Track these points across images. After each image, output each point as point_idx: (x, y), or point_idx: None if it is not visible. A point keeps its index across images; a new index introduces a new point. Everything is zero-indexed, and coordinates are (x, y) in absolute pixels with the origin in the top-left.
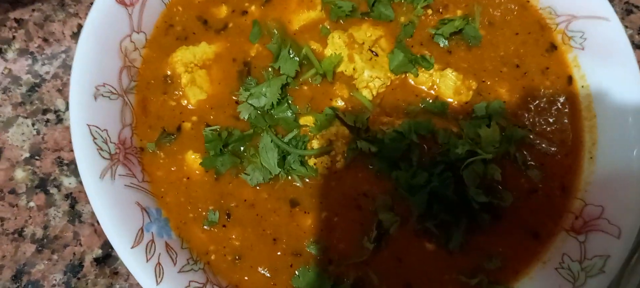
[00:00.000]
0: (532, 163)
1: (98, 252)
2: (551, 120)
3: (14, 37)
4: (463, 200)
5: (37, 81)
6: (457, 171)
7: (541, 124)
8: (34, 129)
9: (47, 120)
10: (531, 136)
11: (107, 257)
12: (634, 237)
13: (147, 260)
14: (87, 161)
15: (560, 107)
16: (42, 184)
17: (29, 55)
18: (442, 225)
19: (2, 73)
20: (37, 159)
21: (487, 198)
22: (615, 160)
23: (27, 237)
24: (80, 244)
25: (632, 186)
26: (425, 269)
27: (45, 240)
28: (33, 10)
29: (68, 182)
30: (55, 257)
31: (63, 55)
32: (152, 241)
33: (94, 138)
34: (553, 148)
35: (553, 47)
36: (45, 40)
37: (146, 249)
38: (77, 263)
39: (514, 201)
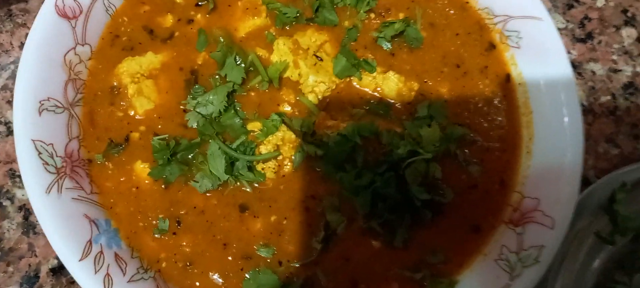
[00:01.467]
0: (472, 159)
1: (54, 262)
2: (490, 117)
3: None
4: (406, 198)
5: None
6: (400, 170)
7: (481, 121)
8: None
9: None
10: (471, 134)
11: (63, 268)
12: (566, 227)
13: (96, 272)
14: (33, 177)
15: (498, 104)
16: None
17: None
18: (386, 223)
19: None
20: None
21: (428, 196)
22: (551, 153)
23: None
24: (36, 255)
25: (566, 179)
26: (371, 266)
27: None
28: None
29: (21, 193)
30: (10, 269)
31: (12, 66)
32: (101, 252)
33: (39, 153)
34: (492, 144)
35: (492, 46)
36: None
37: (95, 261)
38: (33, 274)
39: (455, 197)
